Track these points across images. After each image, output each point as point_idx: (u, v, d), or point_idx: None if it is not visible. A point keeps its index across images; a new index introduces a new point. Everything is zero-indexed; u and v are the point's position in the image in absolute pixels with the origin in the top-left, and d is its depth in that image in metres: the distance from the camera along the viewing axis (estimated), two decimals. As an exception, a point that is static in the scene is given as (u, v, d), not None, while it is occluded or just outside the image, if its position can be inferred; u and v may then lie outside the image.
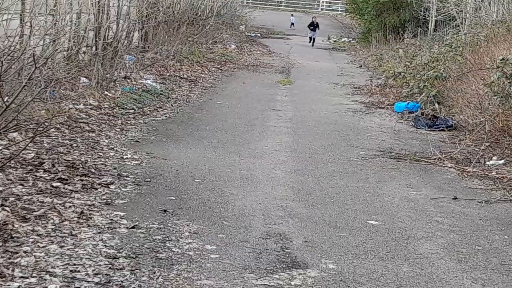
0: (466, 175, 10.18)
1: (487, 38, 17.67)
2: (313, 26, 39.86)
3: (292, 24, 52.82)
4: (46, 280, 5.31)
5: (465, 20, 24.02)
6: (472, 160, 10.94)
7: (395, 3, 35.13)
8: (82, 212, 6.97)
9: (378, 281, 5.86)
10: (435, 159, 11.10)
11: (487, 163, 10.88)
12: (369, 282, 5.83)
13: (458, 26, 24.71)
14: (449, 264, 6.47)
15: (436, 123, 14.24)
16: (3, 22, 10.47)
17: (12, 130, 9.05)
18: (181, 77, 18.92)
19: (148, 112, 13.56)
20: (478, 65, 14.79)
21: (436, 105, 15.64)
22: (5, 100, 8.20)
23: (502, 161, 10.89)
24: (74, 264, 5.67)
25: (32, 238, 6.11)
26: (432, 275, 6.15)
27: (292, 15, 57.00)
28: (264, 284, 5.66)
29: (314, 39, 39.57)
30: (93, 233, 6.45)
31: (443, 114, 14.90)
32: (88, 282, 5.38)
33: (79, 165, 8.71)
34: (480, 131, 12.52)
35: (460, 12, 25.15)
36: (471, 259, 6.67)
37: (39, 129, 9.40)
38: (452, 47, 19.55)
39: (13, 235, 6.08)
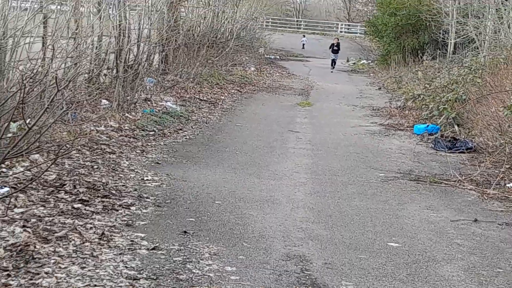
0: (486, 197, 10.12)
1: (506, 60, 17.62)
2: (335, 48, 37.64)
3: (303, 45, 52.86)
4: (67, 301, 5.33)
5: (484, 43, 23.97)
6: (492, 182, 10.88)
7: (414, 25, 35.10)
8: (103, 233, 7.00)
9: (398, 304, 5.85)
10: (455, 181, 11.06)
11: (508, 185, 10.81)
12: (389, 305, 5.81)
13: (477, 48, 24.66)
14: (470, 286, 6.44)
15: (456, 145, 14.20)
16: (26, 45, 10.56)
17: (34, 152, 9.10)
18: (201, 99, 18.99)
19: (168, 134, 13.61)
20: (498, 88, 14.75)
21: (456, 127, 15.61)
22: (27, 122, 8.26)
23: (522, 184, 10.84)
24: (95, 286, 5.69)
25: (53, 259, 6.14)
26: (453, 298, 6.13)
27: (303, 36, 57.09)
28: (284, 306, 5.65)
29: (335, 61, 37.81)
30: (114, 254, 6.48)
31: (463, 136, 14.86)
32: (109, 303, 5.40)
33: (100, 186, 8.75)
34: (500, 153, 12.48)
35: (479, 34, 25.10)
36: (492, 281, 6.63)
37: (60, 151, 9.44)
38: (472, 69, 19.53)
39: (35, 256, 6.11)
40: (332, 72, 36.27)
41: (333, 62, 37.64)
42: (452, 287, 6.39)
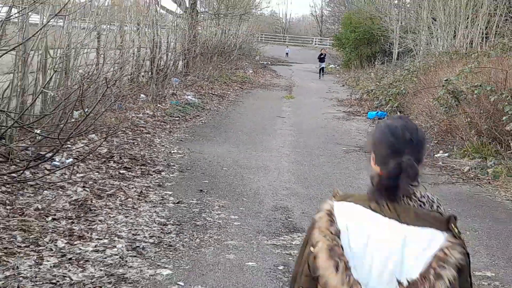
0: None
1: (435, 64, 17.62)
2: (322, 57, 33.27)
3: (287, 54, 52.38)
4: (115, 241, 5.35)
5: (419, 51, 23.94)
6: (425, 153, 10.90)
7: (368, 39, 35.02)
8: (141, 191, 7.02)
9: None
10: (397, 152, 11.07)
11: (435, 155, 10.84)
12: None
13: (414, 56, 24.62)
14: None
15: (398, 127, 14.19)
16: (84, 54, 10.52)
17: (91, 133, 9.10)
18: (213, 94, 18.95)
19: (189, 119, 13.59)
20: (429, 84, 14.75)
21: (398, 113, 15.59)
22: (85, 110, 8.24)
23: (446, 154, 10.85)
24: (136, 230, 5.71)
25: (105, 210, 6.16)
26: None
27: (287, 46, 56.75)
28: (273, 244, 5.66)
29: (323, 69, 33.00)
30: (149, 207, 6.50)
31: (403, 120, 14.86)
32: (146, 242, 5.41)
33: (139, 157, 8.76)
34: (430, 132, 12.49)
35: (415, 45, 25.05)
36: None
37: (110, 131, 9.44)
38: (410, 71, 19.50)
39: (91, 209, 6.13)
40: (321, 78, 31.42)
41: (322, 70, 32.80)
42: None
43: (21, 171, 6.76)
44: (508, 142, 9.99)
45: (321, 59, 33.31)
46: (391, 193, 2.16)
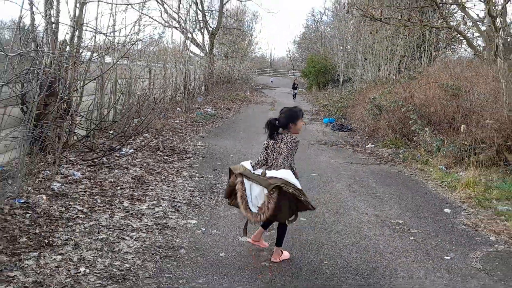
0: (356, 152, 10.16)
1: (366, 88, 17.63)
2: (295, 86, 31.18)
3: (271, 81, 51.81)
4: (160, 202, 5.34)
5: (356, 80, 23.94)
6: (359, 145, 10.92)
7: (324, 72, 35.02)
8: (177, 170, 6.99)
9: (315, 201, 5.85)
10: (342, 145, 11.08)
11: (366, 146, 10.86)
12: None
13: (353, 82, 24.62)
14: (348, 193, 6.47)
15: (343, 128, 14.21)
16: (140, 82, 10.47)
17: (145, 132, 9.06)
18: (224, 107, 18.87)
19: (209, 123, 13.53)
20: (362, 101, 14.77)
21: (343, 119, 15.59)
22: (141, 118, 8.21)
23: (373, 145, 10.87)
24: (174, 195, 5.70)
25: (154, 183, 6.14)
26: (341, 199, 6.15)
27: (271, 76, 56.43)
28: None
29: (296, 94, 30.33)
30: (183, 180, 6.48)
31: (346, 123, 14.87)
32: (180, 202, 5.40)
33: (176, 148, 8.73)
34: (362, 131, 12.51)
35: (354, 76, 25.04)
36: (359, 191, 6.67)
37: (157, 132, 9.40)
38: (350, 92, 19.50)
39: (145, 181, 6.11)
40: (294, 100, 28.46)
41: (294, 95, 30.14)
42: (340, 194, 6.42)
43: (100, 158, 6.74)
44: (412, 137, 10.02)
45: (294, 87, 32.67)
46: (271, 131, 4.09)
